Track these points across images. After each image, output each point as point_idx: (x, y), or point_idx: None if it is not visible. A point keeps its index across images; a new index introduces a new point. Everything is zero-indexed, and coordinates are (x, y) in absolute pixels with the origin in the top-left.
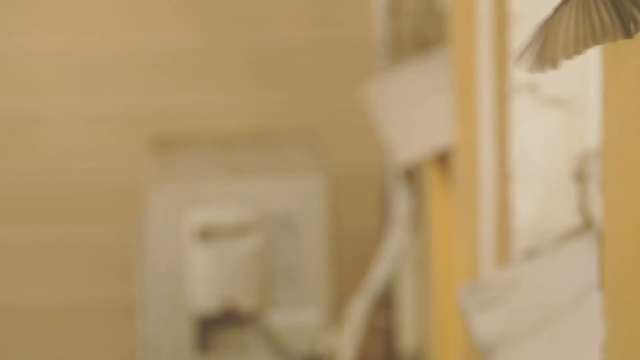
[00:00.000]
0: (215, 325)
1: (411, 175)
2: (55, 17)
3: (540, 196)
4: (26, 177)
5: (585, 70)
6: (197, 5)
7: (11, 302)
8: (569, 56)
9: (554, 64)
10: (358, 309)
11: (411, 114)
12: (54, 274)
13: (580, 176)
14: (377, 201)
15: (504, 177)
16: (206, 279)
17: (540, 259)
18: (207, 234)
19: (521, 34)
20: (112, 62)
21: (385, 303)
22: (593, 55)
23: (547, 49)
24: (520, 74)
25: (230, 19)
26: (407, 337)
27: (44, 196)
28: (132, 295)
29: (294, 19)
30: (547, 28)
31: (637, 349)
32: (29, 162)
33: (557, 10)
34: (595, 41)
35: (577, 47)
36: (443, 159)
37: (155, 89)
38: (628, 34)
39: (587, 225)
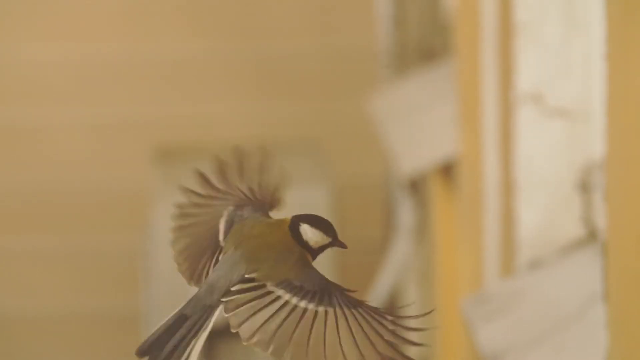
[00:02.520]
0: (220, 336)
1: (415, 186)
2: (61, 27)
3: (545, 206)
4: (30, 187)
5: (589, 82)
6: (201, 16)
7: (16, 310)
8: None
9: None
10: None
11: (416, 124)
12: (58, 282)
13: (584, 187)
14: (381, 211)
15: (508, 187)
16: None
17: (544, 270)
18: None
19: (525, 44)
20: (118, 71)
21: None
22: (597, 67)
23: None
24: (524, 85)
25: (234, 29)
26: (412, 347)
27: (49, 205)
28: (137, 304)
29: (298, 30)
30: None
31: None
32: (33, 172)
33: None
34: None
35: None
36: (447, 170)
37: (160, 99)
38: None
39: (591, 235)
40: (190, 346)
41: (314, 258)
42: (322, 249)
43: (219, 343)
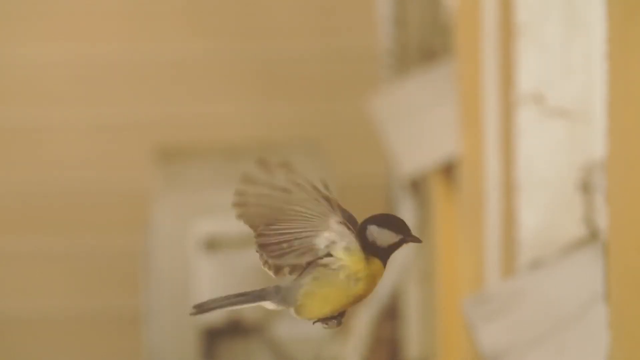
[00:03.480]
0: (221, 336)
1: (416, 186)
2: (61, 27)
3: (546, 207)
4: (30, 187)
5: (590, 82)
6: (203, 16)
7: (16, 310)
8: None
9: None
10: (363, 320)
11: (416, 124)
12: (58, 283)
13: (585, 187)
14: (382, 211)
15: (509, 187)
16: (211, 289)
17: (545, 270)
18: (212, 244)
19: (526, 44)
20: (119, 72)
21: (390, 313)
22: (598, 67)
23: None
24: (525, 85)
25: (236, 30)
26: (413, 347)
27: (49, 205)
28: (138, 305)
29: (299, 30)
30: None
31: None
32: (33, 172)
33: None
34: None
35: None
36: (448, 170)
37: (161, 99)
38: None
39: (592, 236)
40: (233, 303)
41: (386, 258)
42: (393, 247)
43: (219, 343)
